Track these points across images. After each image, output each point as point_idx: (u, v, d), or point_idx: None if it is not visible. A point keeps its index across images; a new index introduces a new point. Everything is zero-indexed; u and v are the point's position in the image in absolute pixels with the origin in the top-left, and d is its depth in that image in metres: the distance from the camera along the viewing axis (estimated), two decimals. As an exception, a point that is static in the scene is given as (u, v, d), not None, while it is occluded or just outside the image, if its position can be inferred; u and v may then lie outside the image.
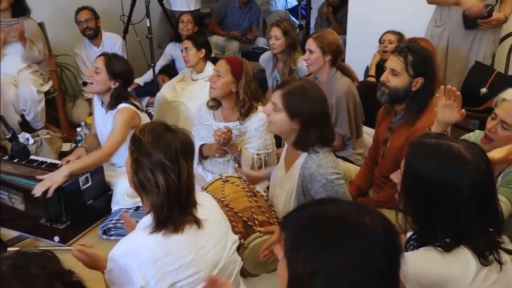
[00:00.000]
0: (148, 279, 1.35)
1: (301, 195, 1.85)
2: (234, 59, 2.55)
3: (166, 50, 4.23)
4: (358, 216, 0.89)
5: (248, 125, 2.48)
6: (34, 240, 2.50)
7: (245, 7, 4.90)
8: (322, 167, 1.77)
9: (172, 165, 1.38)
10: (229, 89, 2.45)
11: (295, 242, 0.90)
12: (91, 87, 2.62)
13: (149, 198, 1.39)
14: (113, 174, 2.69)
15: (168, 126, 1.46)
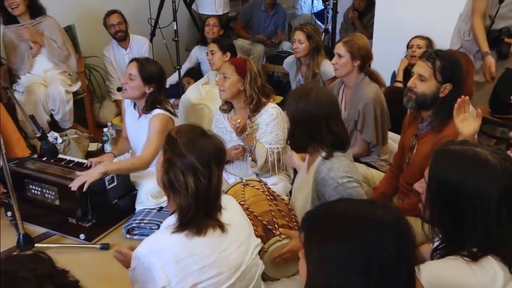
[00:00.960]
0: (170, 279, 1.36)
1: (316, 199, 1.85)
2: (237, 59, 2.63)
3: (192, 53, 4.28)
4: (370, 209, 0.93)
5: (260, 121, 2.50)
6: (60, 237, 2.56)
7: (271, 10, 4.91)
8: (333, 171, 1.76)
9: (203, 169, 1.39)
10: (236, 88, 2.48)
11: (310, 240, 0.93)
12: (126, 93, 2.65)
13: (176, 199, 1.40)
14: (138, 175, 2.73)
15: (204, 131, 1.48)
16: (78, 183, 2.36)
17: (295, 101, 1.81)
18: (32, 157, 2.80)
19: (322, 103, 1.79)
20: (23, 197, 2.55)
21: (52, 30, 3.55)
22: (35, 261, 0.90)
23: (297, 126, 1.83)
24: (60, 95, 3.47)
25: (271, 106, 2.50)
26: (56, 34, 3.57)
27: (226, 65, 2.52)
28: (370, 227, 0.90)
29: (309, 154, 1.93)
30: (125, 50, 4.05)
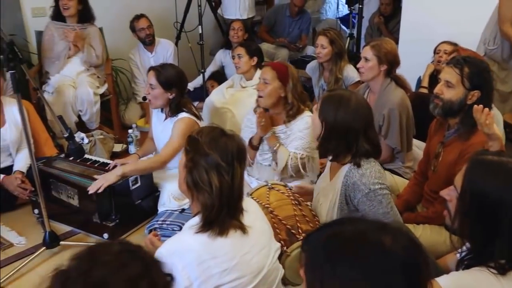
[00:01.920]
0: (192, 280, 1.37)
1: (344, 204, 1.83)
2: (278, 65, 2.56)
3: (216, 57, 4.31)
4: (376, 235, 0.86)
5: (293, 127, 2.49)
6: (84, 235, 2.61)
7: (296, 15, 4.91)
8: (365, 176, 1.74)
9: (227, 166, 1.40)
10: (277, 95, 2.46)
11: (313, 262, 0.88)
12: (153, 104, 2.68)
13: (201, 197, 1.41)
14: (161, 176, 2.76)
15: (224, 131, 1.49)
16: (95, 186, 2.40)
17: (334, 109, 1.75)
18: (59, 157, 2.87)
19: (362, 113, 1.76)
20: (49, 196, 2.61)
21: (94, 39, 3.66)
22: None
23: (334, 134, 1.76)
24: (88, 96, 3.54)
25: (307, 114, 2.48)
26: (97, 43, 3.68)
27: (267, 70, 2.47)
28: (377, 259, 0.83)
29: (335, 161, 1.90)
30: (150, 53, 4.11)
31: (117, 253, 0.90)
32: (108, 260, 0.87)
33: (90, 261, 0.87)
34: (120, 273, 0.86)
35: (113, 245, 0.93)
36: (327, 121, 1.76)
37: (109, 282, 0.84)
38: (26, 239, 2.57)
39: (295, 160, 2.45)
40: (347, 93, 1.83)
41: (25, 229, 2.65)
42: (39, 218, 2.67)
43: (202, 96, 3.91)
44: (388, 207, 1.76)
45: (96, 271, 0.85)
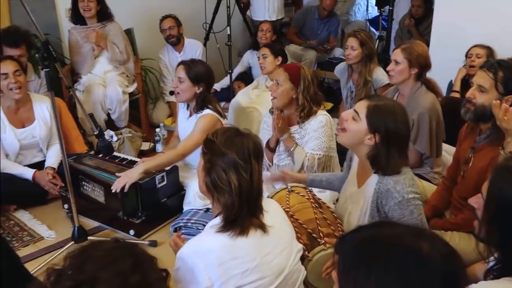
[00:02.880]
0: (213, 281, 1.38)
1: (375, 211, 1.79)
2: (291, 66, 2.57)
3: (243, 58, 4.33)
4: (414, 241, 0.83)
5: (308, 128, 2.48)
6: (111, 231, 2.66)
7: (325, 18, 4.88)
8: (400, 183, 1.70)
9: (244, 164, 1.41)
10: (289, 96, 2.46)
11: (347, 265, 0.86)
12: (179, 97, 2.74)
13: (221, 198, 1.42)
14: (187, 175, 2.79)
15: (239, 130, 1.50)
16: (119, 184, 2.43)
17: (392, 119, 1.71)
18: (89, 154, 2.94)
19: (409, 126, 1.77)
20: (79, 191, 2.67)
21: (115, 35, 3.72)
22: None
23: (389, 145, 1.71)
24: (118, 95, 3.61)
25: (321, 114, 2.48)
26: (119, 38, 3.74)
27: (280, 71, 2.50)
28: (414, 265, 0.80)
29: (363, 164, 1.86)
30: (179, 53, 4.16)
31: (108, 250, 0.92)
32: (99, 256, 0.90)
33: (82, 258, 0.90)
34: (111, 268, 0.88)
35: (106, 242, 0.96)
36: (386, 133, 1.70)
37: (99, 277, 0.86)
38: (55, 233, 2.64)
39: (312, 161, 2.44)
40: (393, 102, 1.82)
41: (55, 223, 2.73)
42: (68, 213, 2.74)
43: (229, 96, 3.93)
44: (418, 218, 1.72)
45: (87, 266, 0.87)
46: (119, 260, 0.89)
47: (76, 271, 0.86)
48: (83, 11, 3.60)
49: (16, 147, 2.86)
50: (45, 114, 2.93)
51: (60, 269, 0.89)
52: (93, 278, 0.85)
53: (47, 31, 3.41)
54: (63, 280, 0.86)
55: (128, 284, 0.87)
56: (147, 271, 0.92)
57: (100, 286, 0.85)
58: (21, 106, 2.88)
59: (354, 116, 1.76)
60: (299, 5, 5.87)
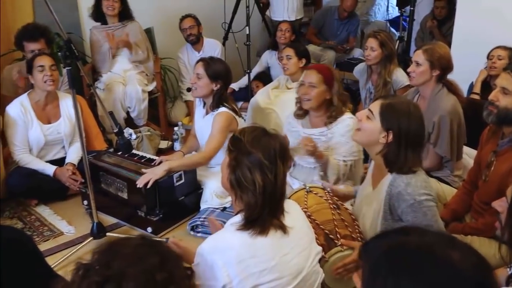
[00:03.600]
0: (231, 278, 1.38)
1: (388, 213, 1.78)
2: (323, 68, 2.55)
3: (262, 58, 4.33)
4: (445, 250, 0.80)
5: (335, 131, 2.47)
6: (129, 228, 2.69)
7: (345, 18, 4.85)
8: (411, 186, 1.68)
9: (270, 165, 1.41)
10: (323, 98, 2.46)
11: (373, 273, 0.83)
12: (195, 93, 2.77)
13: (244, 196, 1.42)
14: (205, 174, 2.81)
15: (266, 130, 1.50)
16: (144, 180, 2.47)
17: (406, 119, 1.70)
18: (108, 151, 2.97)
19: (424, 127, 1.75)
20: (98, 188, 2.71)
21: (135, 34, 3.77)
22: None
23: (402, 144, 1.70)
24: (137, 94, 3.65)
25: (348, 116, 2.46)
26: (139, 38, 3.79)
27: (313, 74, 2.46)
28: (446, 276, 0.77)
29: (378, 165, 1.86)
30: (198, 52, 4.18)
31: (135, 247, 0.93)
32: (126, 253, 0.91)
33: (110, 254, 0.91)
34: (138, 265, 0.89)
35: (133, 239, 0.97)
36: (399, 131, 1.69)
37: (126, 273, 0.87)
38: (75, 229, 2.68)
39: (345, 169, 2.43)
40: (408, 101, 1.80)
41: (74, 219, 2.77)
42: (87, 209, 2.78)
43: (247, 96, 3.94)
44: (432, 220, 1.70)
45: (115, 263, 0.88)
46: (146, 257, 0.90)
47: (104, 267, 0.87)
48: (106, 10, 3.65)
49: (41, 142, 2.93)
50: (70, 111, 2.99)
51: (88, 264, 0.90)
52: (120, 274, 0.86)
53: (70, 30, 3.46)
54: (91, 275, 0.87)
55: (154, 281, 0.88)
56: (173, 269, 0.92)
57: (127, 282, 0.86)
58: (49, 102, 2.95)
59: (368, 115, 1.77)
60: (319, 5, 5.85)
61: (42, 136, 2.92)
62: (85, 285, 0.86)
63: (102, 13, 3.69)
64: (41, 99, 2.92)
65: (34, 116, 2.90)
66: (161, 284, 0.89)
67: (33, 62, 2.83)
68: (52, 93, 2.94)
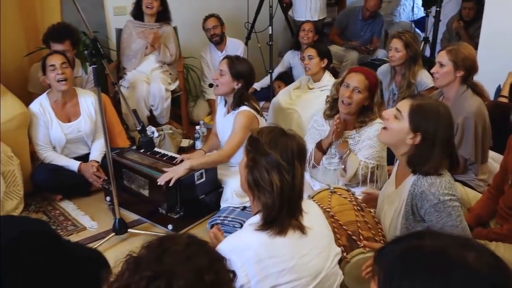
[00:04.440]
0: (249, 278, 1.39)
1: (409, 213, 1.76)
2: (370, 74, 2.44)
3: (284, 58, 4.32)
4: (459, 252, 0.80)
5: (363, 134, 2.44)
6: (150, 225, 2.73)
7: (369, 19, 4.80)
8: (435, 186, 1.66)
9: (287, 166, 1.41)
10: (363, 104, 2.42)
11: (388, 277, 0.83)
12: (217, 89, 2.79)
13: (262, 197, 1.43)
14: (225, 173, 2.82)
15: (284, 130, 1.50)
16: (165, 178, 2.49)
17: (434, 120, 1.68)
18: (131, 148, 3.02)
19: (453, 124, 1.73)
20: (121, 184, 2.75)
21: (169, 38, 3.84)
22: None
23: (430, 145, 1.68)
24: (160, 92, 3.69)
25: (378, 122, 2.41)
26: (171, 43, 3.85)
27: (361, 79, 2.38)
28: (461, 277, 0.77)
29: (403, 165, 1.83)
30: (221, 52, 4.19)
31: (185, 245, 0.94)
32: (177, 251, 0.92)
33: (161, 250, 0.92)
34: (188, 264, 0.90)
35: (182, 237, 0.98)
36: (426, 133, 1.67)
37: (177, 271, 0.88)
38: (97, 224, 2.73)
39: (366, 170, 2.40)
40: (438, 103, 1.77)
41: (97, 214, 2.82)
42: (110, 205, 2.83)
43: (269, 96, 3.93)
44: (457, 220, 1.67)
45: (166, 259, 0.89)
46: (196, 257, 0.91)
47: (155, 262, 0.89)
48: (145, 8, 3.71)
49: (63, 141, 2.97)
50: (90, 109, 3.04)
51: (139, 258, 0.91)
52: (171, 272, 0.88)
53: (96, 29, 3.52)
54: (142, 269, 0.88)
55: (203, 282, 0.89)
56: (220, 271, 0.93)
57: (177, 280, 0.87)
58: (67, 101, 2.99)
59: (396, 114, 1.74)
60: (342, 5, 5.80)
61: (63, 135, 2.96)
62: (137, 278, 0.87)
63: (141, 11, 3.75)
64: (59, 98, 2.94)
65: (53, 115, 2.93)
66: (209, 284, 0.90)
67: (45, 61, 2.86)
68: (69, 91, 2.95)
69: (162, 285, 0.87)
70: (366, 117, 2.42)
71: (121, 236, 2.53)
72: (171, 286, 0.87)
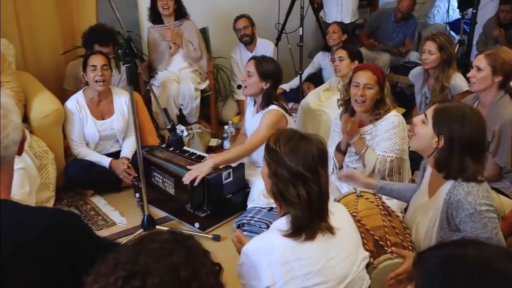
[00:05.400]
0: (275, 280, 1.38)
1: (445, 222, 1.71)
2: (375, 68, 2.52)
3: (314, 59, 4.30)
4: (504, 264, 0.77)
5: (379, 128, 2.45)
6: (178, 222, 2.76)
7: (402, 20, 4.72)
8: (472, 195, 1.61)
9: (312, 176, 1.39)
10: (375, 99, 2.45)
11: (427, 283, 0.81)
12: (246, 90, 2.81)
13: (291, 210, 1.41)
14: (253, 173, 2.83)
15: (302, 135, 1.47)
16: (190, 177, 2.51)
17: (460, 123, 1.64)
18: (161, 146, 3.06)
19: (484, 127, 1.68)
20: (150, 182, 2.79)
21: (190, 33, 3.86)
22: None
23: (458, 150, 1.65)
24: (190, 92, 3.73)
25: (393, 114, 2.45)
26: (194, 36, 3.87)
27: (369, 75, 2.43)
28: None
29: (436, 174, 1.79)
30: (250, 52, 4.20)
31: (163, 242, 0.94)
32: (153, 248, 0.92)
33: (138, 248, 0.92)
34: (163, 261, 0.89)
35: (162, 234, 0.98)
36: (451, 136, 1.64)
37: (151, 269, 0.88)
38: (127, 220, 2.78)
39: (384, 163, 2.39)
40: (465, 105, 1.73)
41: (126, 210, 2.88)
42: (139, 202, 2.88)
43: (298, 97, 3.92)
44: (493, 232, 1.61)
45: (142, 258, 0.90)
46: (172, 253, 0.91)
47: (131, 262, 0.89)
48: (162, 9, 3.76)
49: (96, 137, 3.05)
50: (123, 107, 3.10)
51: (117, 257, 0.92)
52: (146, 270, 0.88)
53: (129, 29, 3.59)
54: (118, 269, 0.89)
55: (178, 278, 0.89)
56: (198, 265, 0.93)
57: (152, 278, 0.87)
58: (102, 99, 3.07)
59: (423, 119, 1.73)
60: (375, 7, 5.72)
61: (97, 132, 3.04)
62: (113, 279, 0.88)
63: (158, 13, 3.80)
64: (95, 96, 3.03)
65: (88, 112, 3.02)
66: (184, 280, 0.89)
67: (87, 60, 2.95)
68: (105, 90, 3.03)
69: (137, 284, 0.87)
70: (380, 109, 2.45)
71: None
72: (146, 284, 0.87)
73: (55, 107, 2.88)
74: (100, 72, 2.90)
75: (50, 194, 2.79)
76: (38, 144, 2.73)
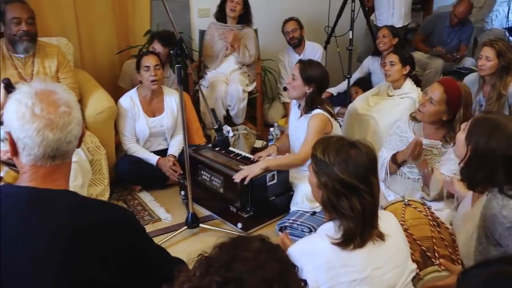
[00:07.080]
0: (319, 284, 1.36)
1: (482, 236, 1.64)
2: (453, 89, 2.29)
3: (364, 63, 4.23)
4: None
5: (450, 150, 2.32)
6: (221, 222, 2.79)
7: (457, 25, 4.55)
8: (507, 208, 1.54)
9: (366, 187, 1.37)
10: (438, 118, 2.33)
11: None
12: (289, 93, 2.83)
13: (343, 221, 1.38)
14: (297, 176, 2.81)
15: (351, 143, 1.43)
16: (240, 176, 2.54)
17: (486, 135, 1.59)
18: (207, 146, 3.11)
19: None
20: (195, 180, 2.84)
21: (249, 40, 3.93)
22: None
23: (480, 163, 1.61)
24: (238, 93, 3.77)
25: None
26: (251, 44, 3.94)
27: (439, 91, 2.28)
28: None
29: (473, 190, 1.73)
30: (298, 55, 4.19)
31: (256, 251, 0.94)
32: (248, 257, 0.92)
33: (232, 254, 0.93)
34: (257, 272, 0.89)
35: (254, 241, 0.98)
36: (475, 147, 1.60)
37: (245, 279, 0.88)
38: (171, 216, 2.84)
39: None
40: (505, 119, 1.65)
41: (172, 207, 2.94)
42: (184, 199, 2.94)
43: (345, 101, 3.87)
44: None
45: (236, 265, 0.90)
46: (266, 266, 0.91)
47: (225, 267, 0.90)
48: (229, 11, 3.84)
49: (146, 134, 3.15)
50: (173, 106, 3.19)
51: (210, 259, 0.93)
52: (240, 279, 0.88)
53: (181, 30, 3.67)
54: (212, 272, 0.90)
55: None
56: (290, 280, 0.93)
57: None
58: (154, 98, 3.17)
59: (464, 127, 1.71)
60: (428, 11, 5.55)
61: (147, 128, 3.14)
62: (207, 281, 0.89)
63: (224, 13, 3.88)
64: (148, 94, 3.13)
65: (141, 109, 3.12)
66: None
67: (140, 61, 3.05)
68: (157, 89, 3.14)
69: None
70: (448, 137, 2.32)
71: (192, 230, 2.62)
72: None
73: (108, 104, 3.00)
74: (153, 72, 3.01)
75: (104, 188, 2.90)
76: (91, 140, 2.84)
